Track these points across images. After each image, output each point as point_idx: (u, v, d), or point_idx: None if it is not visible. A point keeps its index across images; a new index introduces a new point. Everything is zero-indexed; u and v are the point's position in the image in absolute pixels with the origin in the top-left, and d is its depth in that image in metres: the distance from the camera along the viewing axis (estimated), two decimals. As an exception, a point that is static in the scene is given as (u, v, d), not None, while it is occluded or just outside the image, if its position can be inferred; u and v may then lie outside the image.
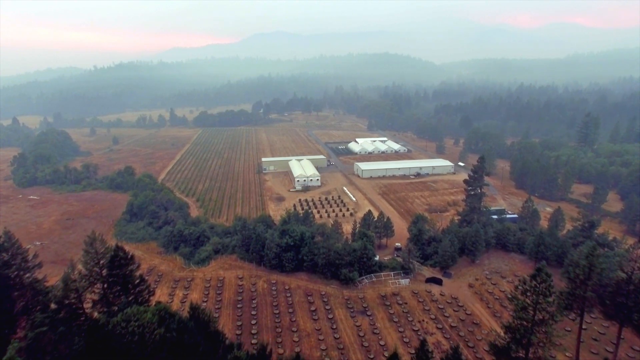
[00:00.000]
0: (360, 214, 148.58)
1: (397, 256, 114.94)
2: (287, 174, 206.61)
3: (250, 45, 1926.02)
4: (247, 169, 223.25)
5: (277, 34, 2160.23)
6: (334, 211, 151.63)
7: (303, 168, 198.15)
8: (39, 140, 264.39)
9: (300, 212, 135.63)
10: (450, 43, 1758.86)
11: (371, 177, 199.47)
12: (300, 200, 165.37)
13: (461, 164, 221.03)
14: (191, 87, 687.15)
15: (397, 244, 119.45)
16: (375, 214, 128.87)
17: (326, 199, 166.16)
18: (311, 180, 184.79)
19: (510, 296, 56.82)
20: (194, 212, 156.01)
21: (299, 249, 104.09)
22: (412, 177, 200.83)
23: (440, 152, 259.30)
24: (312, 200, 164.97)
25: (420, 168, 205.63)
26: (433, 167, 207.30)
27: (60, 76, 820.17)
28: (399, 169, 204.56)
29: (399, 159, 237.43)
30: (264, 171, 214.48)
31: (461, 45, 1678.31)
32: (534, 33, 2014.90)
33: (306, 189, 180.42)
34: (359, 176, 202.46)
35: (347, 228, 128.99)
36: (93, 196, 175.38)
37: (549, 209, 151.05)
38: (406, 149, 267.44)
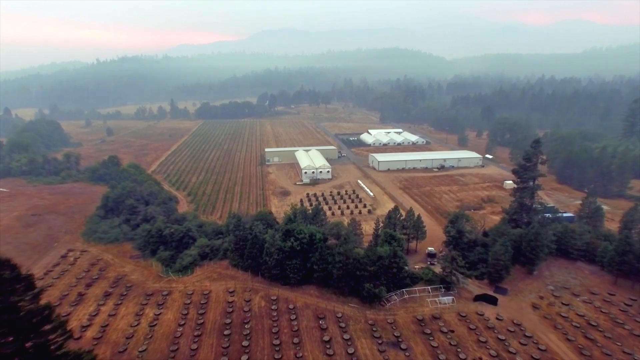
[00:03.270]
0: (380, 211, 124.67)
1: (431, 264, 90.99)
2: (294, 166, 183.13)
3: (257, 42, 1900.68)
4: (249, 161, 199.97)
5: (284, 31, 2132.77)
6: (348, 208, 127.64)
7: (311, 159, 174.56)
8: (24, 129, 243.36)
9: (309, 208, 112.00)
10: (460, 40, 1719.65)
11: (389, 169, 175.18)
12: (308, 194, 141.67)
13: (489, 156, 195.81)
14: (195, 80, 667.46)
15: (430, 249, 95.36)
16: (402, 212, 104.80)
17: (339, 193, 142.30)
18: (320, 172, 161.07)
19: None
20: (184, 207, 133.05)
21: (307, 255, 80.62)
22: (435, 170, 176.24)
23: (462, 145, 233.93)
24: (322, 194, 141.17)
25: (445, 160, 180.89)
26: (459, 160, 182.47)
27: (63, 69, 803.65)
28: (420, 160, 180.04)
29: (417, 151, 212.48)
30: (267, 163, 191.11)
31: (471, 43, 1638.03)
32: (545, 30, 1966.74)
33: (315, 182, 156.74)
34: (374, 169, 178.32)
35: (367, 228, 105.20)
36: (71, 189, 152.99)
37: (606, 207, 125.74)
38: (424, 141, 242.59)
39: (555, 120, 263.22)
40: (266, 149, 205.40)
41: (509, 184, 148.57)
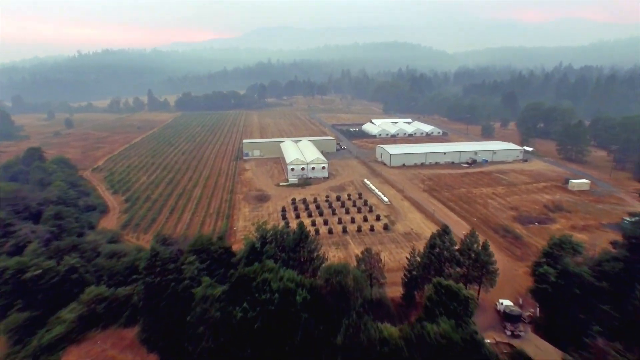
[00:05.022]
0: (401, 227, 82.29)
1: (514, 334, 48.95)
2: (279, 161, 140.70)
3: (252, 39, 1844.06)
4: (222, 155, 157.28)
5: (280, 29, 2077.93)
6: (353, 221, 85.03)
7: (301, 151, 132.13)
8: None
9: (292, 221, 69.55)
10: (458, 36, 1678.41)
11: (404, 165, 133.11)
12: (294, 200, 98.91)
13: (528, 148, 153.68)
14: (183, 73, 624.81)
15: (507, 304, 53.23)
16: (433, 226, 61.97)
17: (338, 198, 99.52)
18: (313, 168, 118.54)
19: None
20: (112, 220, 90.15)
21: (278, 337, 38.00)
22: (465, 165, 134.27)
23: (487, 136, 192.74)
24: (315, 200, 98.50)
25: (476, 153, 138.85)
26: (493, 152, 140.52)
27: (43, 62, 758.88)
28: (444, 153, 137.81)
29: (434, 142, 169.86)
30: (245, 157, 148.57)
31: (470, 39, 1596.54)
32: (543, 27, 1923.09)
33: (306, 181, 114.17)
34: (384, 164, 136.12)
35: (388, 259, 63.09)
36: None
37: None
38: (440, 132, 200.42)
39: (594, 107, 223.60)
40: (244, 140, 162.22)
41: (578, 183, 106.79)
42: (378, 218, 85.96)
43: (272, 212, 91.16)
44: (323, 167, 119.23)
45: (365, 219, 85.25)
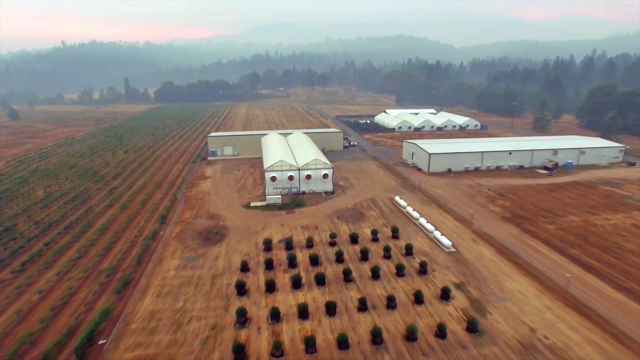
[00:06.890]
0: (502, 319, 34.64)
1: None
2: (259, 163, 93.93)
3: (252, 35, 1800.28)
4: (180, 155, 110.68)
5: (281, 25, 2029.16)
6: (392, 304, 38.00)
7: (291, 150, 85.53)
8: None
9: (258, 305, 23.72)
10: (463, 33, 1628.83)
11: (450, 170, 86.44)
12: (269, 243, 51.59)
13: (622, 146, 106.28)
14: (174, 65, 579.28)
15: None
16: (570, 316, 15.81)
17: (354, 239, 52.25)
18: (308, 176, 71.60)
19: None
20: None
21: None
22: (542, 171, 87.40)
23: (540, 130, 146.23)
24: (310, 242, 51.30)
25: (556, 152, 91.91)
26: (581, 151, 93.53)
27: (25, 54, 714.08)
28: (509, 153, 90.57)
29: (472, 137, 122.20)
30: (211, 157, 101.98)
31: (475, 35, 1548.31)
32: (549, 24, 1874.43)
33: (295, 200, 67.41)
34: (418, 168, 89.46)
35: None
36: None
37: None
38: (477, 124, 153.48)
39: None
40: (211, 134, 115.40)
41: None
42: (445, 295, 38.96)
43: (220, 271, 44.59)
44: (325, 175, 72.17)
45: (419, 299, 38.27)
